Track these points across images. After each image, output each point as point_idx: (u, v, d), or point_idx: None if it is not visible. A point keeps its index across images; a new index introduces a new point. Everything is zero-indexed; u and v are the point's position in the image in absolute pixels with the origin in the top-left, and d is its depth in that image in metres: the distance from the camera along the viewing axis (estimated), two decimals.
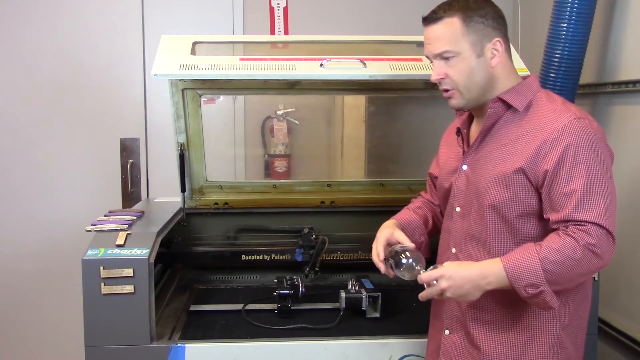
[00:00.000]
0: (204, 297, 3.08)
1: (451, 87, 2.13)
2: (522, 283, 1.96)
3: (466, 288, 2.03)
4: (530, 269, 1.94)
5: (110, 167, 4.52)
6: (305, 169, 4.30)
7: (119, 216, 2.93)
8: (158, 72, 2.74)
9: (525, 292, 1.97)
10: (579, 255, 1.94)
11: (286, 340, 2.60)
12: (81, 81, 4.44)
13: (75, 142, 4.48)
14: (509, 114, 2.14)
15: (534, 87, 2.17)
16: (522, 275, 1.95)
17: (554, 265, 1.94)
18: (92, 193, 4.49)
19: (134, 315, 2.48)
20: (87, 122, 4.47)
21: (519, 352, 2.13)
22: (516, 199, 2.06)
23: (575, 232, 1.95)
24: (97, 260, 2.46)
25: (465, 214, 2.22)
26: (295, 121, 4.09)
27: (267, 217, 3.43)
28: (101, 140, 4.49)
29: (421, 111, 3.68)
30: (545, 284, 1.94)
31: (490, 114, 2.14)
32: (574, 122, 2.02)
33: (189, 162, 3.27)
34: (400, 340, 2.60)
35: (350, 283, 2.93)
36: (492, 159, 2.13)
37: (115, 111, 4.48)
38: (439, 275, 2.03)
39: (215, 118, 4.10)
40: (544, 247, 1.96)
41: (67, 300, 4.31)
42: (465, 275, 2.02)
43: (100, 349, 2.49)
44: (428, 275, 2.05)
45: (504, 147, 2.11)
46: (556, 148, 2.00)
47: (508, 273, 1.97)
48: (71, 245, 3.46)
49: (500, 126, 2.15)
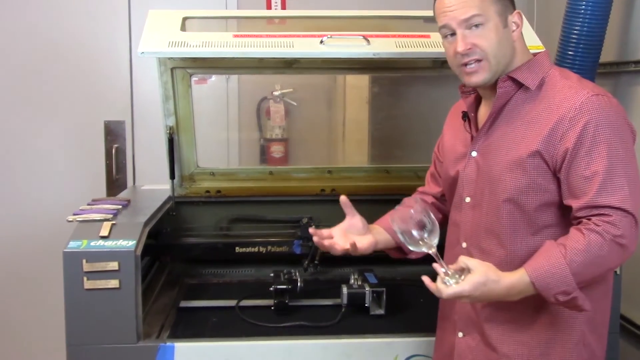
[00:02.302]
0: (194, 293, 3.09)
1: (481, 57, 2.09)
2: (553, 292, 1.94)
3: (488, 301, 2.06)
4: (560, 276, 1.92)
5: (94, 152, 4.51)
6: (304, 154, 4.30)
7: (103, 205, 2.93)
8: (145, 49, 2.73)
9: (556, 300, 1.95)
10: (605, 252, 1.92)
11: (283, 339, 2.60)
12: (62, 60, 4.42)
13: (56, 126, 4.48)
14: (521, 94, 2.13)
15: (546, 63, 2.16)
16: (552, 284, 1.93)
17: (582, 267, 1.92)
18: (74, 180, 4.48)
19: (119, 312, 2.47)
20: (69, 104, 4.46)
21: (540, 351, 2.12)
22: (534, 185, 2.05)
23: (599, 224, 1.93)
24: (80, 252, 2.46)
25: (476, 205, 2.20)
26: (293, 102, 4.09)
27: (262, 206, 3.43)
28: (84, 124, 4.48)
29: (429, 92, 3.67)
30: (576, 289, 1.93)
31: (500, 94, 2.13)
32: (592, 98, 2.00)
33: (178, 146, 3.26)
34: (407, 339, 2.60)
35: (352, 277, 2.93)
36: (505, 144, 2.11)
37: (99, 92, 4.47)
38: (466, 295, 1.95)
39: (207, 99, 4.10)
40: (569, 249, 1.93)
41: (47, 296, 4.30)
42: (491, 295, 1.97)
43: (83, 348, 2.49)
44: (450, 294, 1.96)
45: (517, 130, 2.09)
46: (574, 127, 1.98)
47: (536, 284, 1.94)
48: (51, 237, 3.46)
49: (511, 107, 2.14)
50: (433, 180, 2.55)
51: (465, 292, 1.94)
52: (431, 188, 2.55)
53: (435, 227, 2.07)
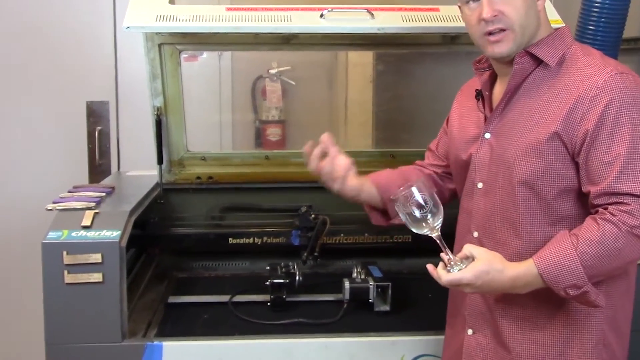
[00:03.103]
0: (184, 287, 3.09)
1: (506, 26, 2.08)
2: (562, 285, 1.94)
3: (490, 293, 2.07)
4: (570, 268, 1.92)
5: (75, 135, 4.49)
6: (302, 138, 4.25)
7: (85, 192, 2.92)
8: (131, 24, 2.73)
9: (566, 294, 1.95)
10: (621, 244, 1.91)
11: (280, 338, 2.59)
12: (39, 36, 4.39)
13: (33, 107, 4.45)
14: (539, 71, 2.12)
15: (567, 39, 2.15)
16: (561, 277, 1.93)
17: (595, 259, 1.91)
18: (53, 166, 4.47)
19: (103, 308, 2.47)
20: (47, 83, 4.43)
21: (557, 352, 2.11)
22: (552, 170, 2.04)
23: (615, 214, 1.92)
24: (60, 243, 2.45)
25: (489, 191, 2.19)
26: (291, 82, 4.08)
27: (258, 194, 3.43)
28: (64, 105, 4.46)
29: (438, 69, 3.67)
30: (587, 283, 1.92)
31: (516, 70, 2.11)
32: (616, 77, 1.99)
33: (166, 129, 3.26)
34: (414, 338, 2.60)
35: (355, 271, 2.94)
36: (521, 125, 2.10)
37: (81, 70, 4.45)
38: (466, 283, 1.97)
39: (197, 78, 4.09)
40: (581, 239, 1.93)
41: (24, 291, 4.28)
42: (495, 286, 1.99)
43: (63, 347, 2.48)
44: (451, 280, 1.98)
45: (534, 110, 2.08)
46: (595, 107, 1.97)
47: (544, 276, 1.94)
48: (29, 227, 3.45)
49: (528, 85, 2.13)
50: (433, 155, 2.57)
51: (465, 279, 1.96)
52: (430, 162, 2.57)
53: (439, 209, 2.07)
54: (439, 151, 2.54)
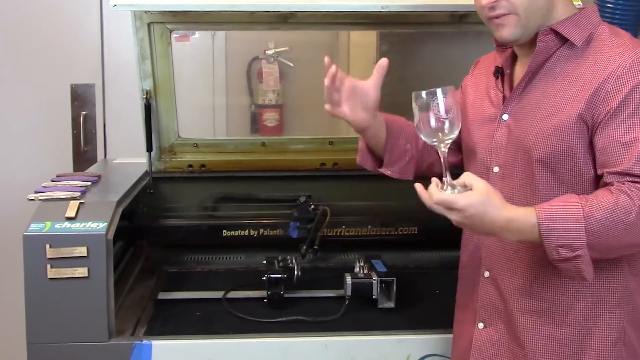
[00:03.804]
0: (175, 283, 3.09)
1: (509, 10, 2.07)
2: (557, 242, 1.90)
3: (477, 229, 2.00)
4: (571, 226, 1.89)
5: (59, 120, 4.48)
6: (301, 123, 4.28)
7: (70, 181, 2.93)
8: (118, 1, 2.74)
9: (557, 254, 1.91)
10: (632, 219, 1.89)
11: (278, 336, 2.60)
12: (20, 15, 4.39)
13: (14, 90, 4.44)
14: (564, 50, 2.11)
15: (594, 18, 2.14)
16: (558, 232, 1.90)
17: (600, 226, 1.89)
18: (36, 153, 4.46)
19: (88, 305, 2.47)
20: (29, 65, 4.42)
21: (574, 349, 2.10)
22: (573, 154, 2.03)
23: (631, 188, 1.91)
24: (42, 236, 2.45)
25: (506, 175, 2.18)
26: (289, 63, 4.06)
27: (254, 183, 3.44)
28: (47, 88, 4.45)
29: (446, 50, 3.67)
30: (584, 247, 1.89)
31: (540, 48, 2.10)
32: None
33: (156, 114, 3.27)
34: (421, 337, 2.59)
35: (357, 265, 2.94)
36: (541, 106, 2.10)
37: (65, 51, 4.44)
38: (458, 208, 1.91)
39: (189, 59, 4.07)
40: (590, 202, 1.91)
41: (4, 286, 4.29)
42: (487, 221, 1.93)
43: (45, 347, 2.49)
44: (442, 200, 1.92)
45: (556, 91, 2.08)
46: (621, 88, 1.96)
47: (541, 227, 1.91)
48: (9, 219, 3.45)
49: (551, 65, 2.13)
50: None
51: (458, 204, 1.90)
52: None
53: (458, 122, 2.03)
54: None
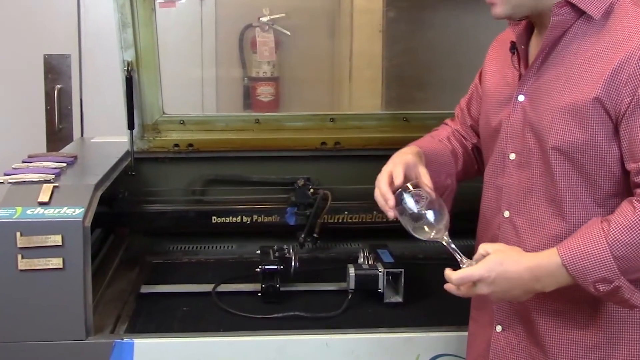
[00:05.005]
0: (159, 275, 3.10)
1: None
2: (590, 279, 1.92)
3: (514, 294, 2.02)
4: (598, 259, 1.90)
5: (31, 95, 4.49)
6: (299, 98, 4.27)
7: (43, 163, 2.94)
8: None
9: (596, 290, 1.93)
10: None
11: (273, 334, 2.60)
12: None
13: None
14: (581, 24, 2.09)
15: None
16: (588, 269, 1.91)
17: (628, 248, 1.90)
18: (5, 131, 4.48)
19: (64, 300, 2.47)
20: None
21: (599, 355, 2.10)
22: (593, 142, 2.02)
23: None
24: (12, 223, 2.45)
25: (523, 163, 2.17)
26: (285, 31, 4.06)
27: (247, 164, 3.45)
28: (17, 59, 4.46)
29: (458, 18, 3.67)
30: (619, 277, 1.91)
31: (554, 23, 2.09)
32: None
33: (139, 88, 3.27)
34: (431, 335, 2.60)
35: (361, 255, 2.94)
36: (558, 87, 2.08)
37: (37, 19, 4.45)
38: (477, 278, 1.98)
39: (175, 27, 4.07)
40: (613, 224, 1.91)
41: None
42: (512, 278, 1.97)
43: (17, 345, 2.49)
44: (461, 277, 1.99)
45: (574, 70, 2.06)
46: None
47: (568, 267, 1.93)
48: None
49: (569, 41, 2.10)
50: (463, 115, 2.54)
51: (476, 274, 1.96)
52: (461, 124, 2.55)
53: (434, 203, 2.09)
54: (472, 111, 2.51)
